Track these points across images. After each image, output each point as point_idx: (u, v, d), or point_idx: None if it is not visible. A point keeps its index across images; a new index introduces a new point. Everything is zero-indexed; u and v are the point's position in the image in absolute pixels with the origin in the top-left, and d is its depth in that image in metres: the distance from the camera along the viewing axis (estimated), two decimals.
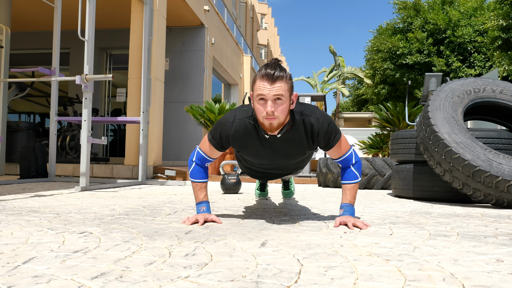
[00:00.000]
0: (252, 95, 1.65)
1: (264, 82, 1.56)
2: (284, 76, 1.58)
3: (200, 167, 1.86)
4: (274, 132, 1.67)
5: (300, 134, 1.74)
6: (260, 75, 1.58)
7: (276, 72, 1.56)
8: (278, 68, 1.59)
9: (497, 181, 2.55)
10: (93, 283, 0.91)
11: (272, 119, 1.60)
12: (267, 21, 30.57)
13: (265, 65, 1.61)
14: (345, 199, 1.84)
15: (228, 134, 1.76)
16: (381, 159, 4.61)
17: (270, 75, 1.56)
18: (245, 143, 1.78)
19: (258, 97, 1.59)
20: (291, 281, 0.96)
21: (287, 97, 1.60)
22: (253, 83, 1.63)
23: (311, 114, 1.72)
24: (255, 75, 1.63)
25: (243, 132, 1.74)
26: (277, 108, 1.58)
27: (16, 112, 12.13)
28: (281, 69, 1.59)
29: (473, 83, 3.18)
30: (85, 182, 3.72)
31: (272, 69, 1.57)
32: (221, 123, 1.79)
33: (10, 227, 1.62)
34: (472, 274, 1.04)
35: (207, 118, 6.11)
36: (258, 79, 1.59)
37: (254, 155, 1.86)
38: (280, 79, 1.56)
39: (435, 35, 16.67)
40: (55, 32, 4.87)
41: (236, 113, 1.77)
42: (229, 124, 1.75)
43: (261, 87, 1.57)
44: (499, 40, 9.84)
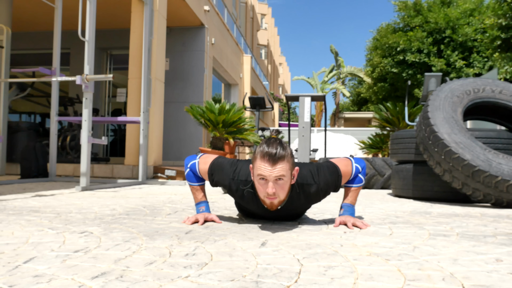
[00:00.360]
0: (252, 171, 1.59)
1: (265, 163, 1.51)
2: (285, 155, 1.52)
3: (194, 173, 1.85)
4: (274, 208, 1.65)
5: (301, 201, 1.72)
6: (261, 154, 1.52)
7: (278, 153, 1.50)
8: (280, 147, 1.53)
9: (497, 181, 2.55)
10: (93, 283, 0.92)
11: (273, 199, 1.57)
12: (267, 21, 30.58)
13: (265, 142, 1.55)
14: (346, 199, 1.85)
15: (225, 184, 1.74)
16: (381, 159, 4.62)
17: (271, 156, 1.50)
18: (243, 201, 1.76)
19: (259, 177, 1.53)
20: (291, 281, 0.96)
21: (289, 176, 1.55)
22: (253, 160, 1.57)
23: (311, 184, 1.69)
24: (255, 152, 1.56)
25: (241, 192, 1.72)
26: (279, 189, 1.54)
27: (17, 112, 12.12)
28: (282, 148, 1.53)
29: (472, 83, 3.19)
30: (86, 182, 3.73)
31: (274, 149, 1.51)
32: (221, 171, 1.74)
33: (11, 227, 1.62)
34: (471, 273, 1.05)
35: (207, 118, 6.11)
36: (258, 158, 1.53)
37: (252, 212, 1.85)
38: (281, 159, 1.51)
39: (434, 34, 16.67)
40: (56, 32, 4.87)
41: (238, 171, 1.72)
42: (228, 180, 1.72)
43: (262, 168, 1.51)
44: (498, 40, 9.83)
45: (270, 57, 28.67)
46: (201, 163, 1.82)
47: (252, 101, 6.64)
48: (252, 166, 1.58)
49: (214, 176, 1.76)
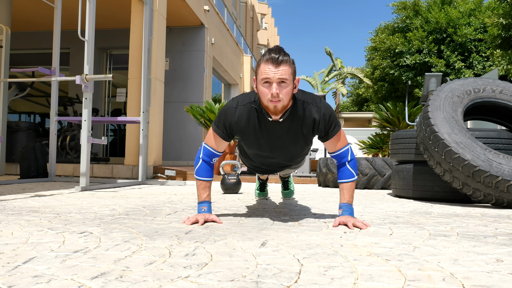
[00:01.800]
0: (256, 80, 1.68)
1: (269, 65, 1.60)
2: (288, 60, 1.62)
3: (207, 165, 1.86)
4: (278, 114, 1.69)
5: (300, 121, 1.76)
6: (265, 59, 1.62)
7: (281, 56, 1.60)
8: (282, 52, 1.62)
9: (497, 181, 2.55)
10: (93, 283, 0.91)
11: (277, 102, 1.63)
12: (267, 21, 30.57)
13: (268, 50, 1.64)
14: (343, 199, 1.84)
15: (231, 121, 1.78)
16: (381, 159, 4.61)
17: (274, 59, 1.59)
18: (247, 129, 1.79)
19: (263, 81, 1.62)
20: (291, 281, 0.96)
21: (291, 81, 1.64)
22: (257, 67, 1.67)
23: (312, 103, 1.75)
24: (259, 60, 1.66)
25: (246, 118, 1.77)
26: (282, 91, 1.62)
27: (16, 112, 12.12)
28: (285, 54, 1.63)
29: (473, 83, 3.18)
30: (85, 182, 3.73)
31: (276, 54, 1.61)
32: (224, 110, 1.81)
33: (10, 227, 1.62)
34: (472, 274, 1.04)
35: (207, 118, 6.11)
36: (262, 63, 1.62)
37: (255, 143, 1.87)
38: (284, 62, 1.60)
39: (434, 34, 16.66)
40: (55, 32, 4.87)
41: (239, 99, 1.80)
42: (232, 111, 1.78)
43: (266, 71, 1.60)
44: (498, 39, 9.84)
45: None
46: (207, 140, 1.87)
47: None
48: (256, 74, 1.67)
49: (221, 122, 1.80)
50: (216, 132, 1.83)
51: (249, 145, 1.91)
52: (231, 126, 1.79)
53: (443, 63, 15.93)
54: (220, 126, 1.81)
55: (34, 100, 12.03)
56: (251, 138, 1.84)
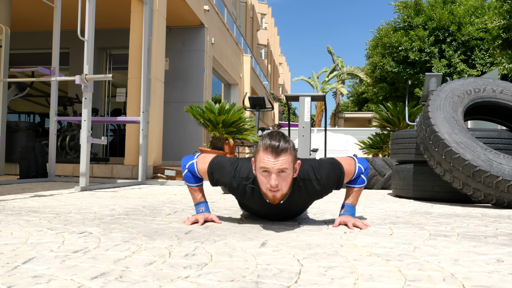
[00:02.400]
0: (254, 165, 1.59)
1: (268, 155, 1.51)
2: (288, 148, 1.53)
3: (192, 174, 1.84)
4: (276, 202, 1.65)
5: (303, 196, 1.72)
6: (264, 147, 1.53)
7: (280, 145, 1.51)
8: (282, 139, 1.53)
9: (497, 181, 2.55)
10: (93, 283, 0.91)
11: (276, 192, 1.57)
12: (267, 21, 30.58)
13: (268, 135, 1.56)
14: (348, 199, 1.84)
15: (225, 183, 1.73)
16: (381, 159, 4.61)
17: (274, 148, 1.51)
18: (244, 198, 1.76)
19: (261, 169, 1.54)
20: (291, 281, 0.95)
21: (291, 169, 1.56)
22: (256, 152, 1.57)
23: (313, 178, 1.68)
24: (258, 144, 1.58)
25: (243, 191, 1.71)
26: (281, 181, 1.54)
27: (16, 112, 12.12)
28: (285, 141, 1.54)
29: (473, 83, 3.18)
30: (85, 182, 3.72)
31: (277, 141, 1.52)
32: (222, 169, 1.74)
33: (10, 227, 1.62)
34: (472, 274, 1.04)
35: (207, 118, 6.11)
36: (261, 150, 1.53)
37: (253, 209, 1.84)
38: (284, 151, 1.51)
39: (436, 32, 16.64)
40: (55, 32, 4.87)
41: (238, 169, 1.72)
42: (229, 178, 1.72)
43: (265, 160, 1.51)
44: (499, 39, 9.84)
45: (270, 57, 28.67)
46: (199, 163, 1.80)
47: (252, 101, 6.63)
48: (255, 160, 1.59)
49: (214, 175, 1.75)
50: (207, 173, 1.77)
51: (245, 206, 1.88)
52: (225, 185, 1.74)
53: (445, 63, 15.92)
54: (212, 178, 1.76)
55: (34, 100, 12.02)
56: (248, 205, 1.82)
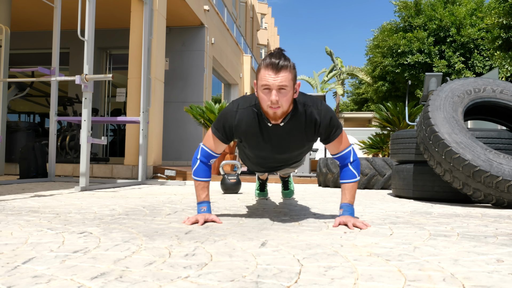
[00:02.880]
0: (256, 84, 1.66)
1: (269, 71, 1.58)
2: (289, 65, 1.60)
3: (204, 165, 1.85)
4: (277, 120, 1.69)
5: (302, 124, 1.76)
6: (265, 64, 1.60)
7: (281, 62, 1.58)
8: (283, 57, 1.60)
9: (497, 181, 2.55)
10: (93, 283, 0.91)
11: (277, 108, 1.62)
12: (267, 21, 30.58)
13: (269, 54, 1.62)
14: (344, 199, 1.84)
15: (231, 124, 1.77)
16: (381, 159, 4.61)
17: (275, 65, 1.57)
18: (248, 132, 1.79)
19: (262, 87, 1.61)
20: (291, 281, 0.95)
21: (291, 86, 1.62)
22: (257, 72, 1.64)
23: (313, 106, 1.74)
24: (259, 64, 1.64)
25: (246, 121, 1.76)
26: (282, 97, 1.60)
27: (16, 112, 12.12)
28: (285, 59, 1.60)
29: (473, 83, 3.18)
30: (85, 182, 3.72)
31: (277, 59, 1.58)
32: (224, 113, 1.80)
33: (10, 227, 1.62)
34: (472, 274, 1.04)
35: (207, 118, 6.11)
36: (262, 68, 1.60)
37: (256, 145, 1.86)
38: (284, 68, 1.58)
39: (436, 32, 16.64)
40: (55, 32, 4.87)
41: (239, 102, 1.79)
42: (232, 114, 1.77)
43: (266, 77, 1.59)
44: (499, 40, 9.83)
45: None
46: (206, 141, 1.85)
47: None
48: (256, 80, 1.65)
49: (219, 126, 1.79)
50: (215, 135, 1.82)
51: (250, 147, 1.91)
52: (231, 129, 1.78)
53: (445, 63, 15.93)
54: (219, 129, 1.81)
55: (34, 100, 12.03)
56: (252, 141, 1.84)
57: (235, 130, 1.78)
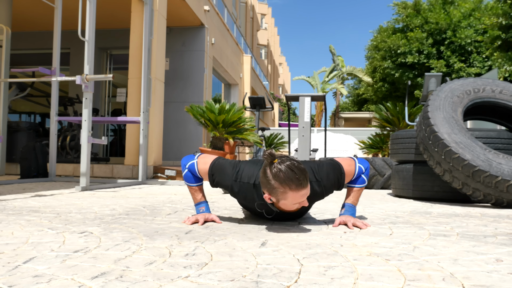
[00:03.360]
0: (273, 196, 1.54)
1: (299, 192, 1.50)
2: (307, 176, 1.53)
3: (192, 174, 1.83)
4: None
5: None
6: (291, 187, 1.48)
7: (304, 182, 1.50)
8: (298, 171, 1.49)
9: (497, 181, 2.55)
10: (93, 283, 0.92)
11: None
12: (267, 21, 30.58)
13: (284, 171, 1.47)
14: (348, 199, 1.84)
15: (228, 187, 1.72)
16: (381, 159, 4.62)
17: (301, 186, 1.50)
18: (246, 202, 1.75)
19: (291, 203, 1.54)
20: (291, 281, 0.96)
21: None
22: (280, 192, 1.50)
23: (313, 179, 1.68)
24: (273, 182, 1.49)
25: (245, 195, 1.71)
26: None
27: (17, 112, 12.13)
28: (301, 171, 1.50)
29: (472, 83, 3.18)
30: (86, 182, 3.73)
31: (298, 177, 1.48)
32: (224, 174, 1.72)
33: (11, 227, 1.62)
34: (471, 273, 1.05)
35: (207, 118, 6.11)
36: (290, 191, 1.49)
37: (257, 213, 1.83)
38: (307, 181, 1.52)
39: (434, 35, 16.65)
40: (56, 32, 4.87)
41: (240, 173, 1.70)
42: (231, 182, 1.71)
43: (297, 198, 1.51)
44: (498, 40, 9.83)
45: (270, 57, 28.67)
46: (200, 163, 1.79)
47: (252, 101, 6.63)
48: (276, 195, 1.52)
49: (215, 177, 1.75)
50: (208, 175, 1.76)
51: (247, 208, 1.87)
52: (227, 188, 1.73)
53: (443, 63, 15.93)
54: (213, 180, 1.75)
55: (35, 100, 12.03)
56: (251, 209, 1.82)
57: (231, 193, 1.74)
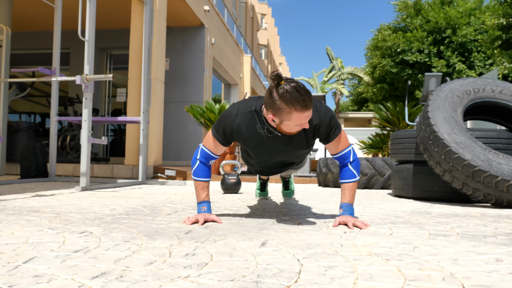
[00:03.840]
0: (275, 117, 1.60)
1: (303, 113, 1.56)
2: (311, 96, 1.58)
3: (204, 166, 1.86)
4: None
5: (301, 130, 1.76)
6: (295, 107, 1.54)
7: (308, 102, 1.56)
8: (302, 91, 1.55)
9: (497, 181, 2.55)
10: (93, 283, 0.92)
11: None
12: (267, 21, 30.57)
13: (289, 91, 1.53)
14: (344, 198, 1.84)
15: (231, 127, 1.78)
16: (381, 159, 4.62)
17: (306, 106, 1.56)
18: (248, 137, 1.79)
19: (294, 124, 1.60)
20: (291, 281, 0.96)
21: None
22: (284, 111, 1.56)
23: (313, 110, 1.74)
24: (279, 101, 1.55)
25: (247, 126, 1.76)
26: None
27: (17, 112, 12.13)
28: (305, 91, 1.56)
29: (472, 83, 3.18)
30: (86, 182, 3.73)
31: (302, 96, 1.54)
32: (224, 116, 1.80)
33: (11, 227, 1.62)
34: (471, 273, 1.05)
35: (207, 118, 6.12)
36: (295, 112, 1.55)
37: (257, 149, 1.87)
38: (311, 103, 1.58)
39: (434, 34, 16.66)
40: (56, 32, 4.87)
41: (239, 106, 1.79)
42: (232, 118, 1.77)
43: (302, 119, 1.58)
44: (499, 40, 9.83)
45: (270, 57, 28.67)
46: (205, 142, 1.86)
47: None
48: (279, 114, 1.58)
49: (220, 127, 1.79)
50: (214, 136, 1.83)
51: (250, 150, 1.91)
52: (231, 133, 1.79)
53: (444, 63, 15.93)
54: (219, 131, 1.81)
55: (35, 100, 12.04)
56: (252, 145, 1.84)
57: (235, 134, 1.79)
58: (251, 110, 1.75)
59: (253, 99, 1.80)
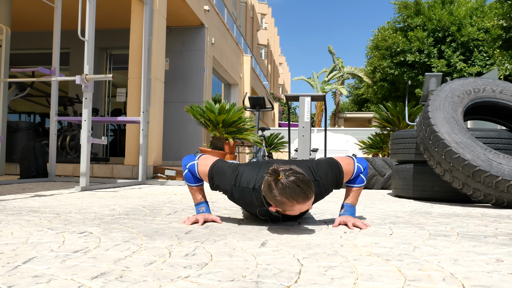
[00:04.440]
0: (279, 208, 1.52)
1: (299, 205, 1.48)
2: (313, 190, 1.50)
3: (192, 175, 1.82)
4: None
5: None
6: (302, 200, 1.46)
7: (310, 194, 1.47)
8: (303, 184, 1.46)
9: (497, 181, 2.55)
10: (93, 283, 0.91)
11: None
12: (267, 21, 30.58)
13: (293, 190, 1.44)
14: (347, 199, 1.84)
15: (227, 191, 1.71)
16: (381, 159, 4.61)
17: (306, 198, 1.47)
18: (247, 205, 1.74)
19: (299, 211, 1.51)
20: (291, 281, 0.96)
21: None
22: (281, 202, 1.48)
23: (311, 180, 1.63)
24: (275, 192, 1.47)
25: (246, 197, 1.69)
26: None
27: (16, 112, 12.12)
28: (307, 185, 1.47)
29: (473, 83, 3.18)
30: (85, 182, 3.72)
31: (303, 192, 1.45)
32: (223, 177, 1.71)
33: (10, 227, 1.62)
34: (472, 274, 1.04)
35: (207, 118, 6.11)
36: (297, 204, 1.47)
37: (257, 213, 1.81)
38: (312, 196, 1.49)
39: (436, 33, 16.64)
40: (55, 32, 4.87)
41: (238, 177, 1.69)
42: (230, 186, 1.69)
43: (297, 209, 1.49)
44: (499, 41, 9.83)
45: (270, 57, 28.67)
46: (200, 165, 1.78)
47: (252, 101, 6.63)
48: (277, 203, 1.50)
49: (214, 180, 1.74)
50: (208, 177, 1.75)
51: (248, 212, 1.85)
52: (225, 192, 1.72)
53: (444, 63, 15.93)
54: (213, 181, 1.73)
55: (34, 100, 12.03)
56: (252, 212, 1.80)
57: (231, 198, 1.73)
58: (249, 187, 1.66)
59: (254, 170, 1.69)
